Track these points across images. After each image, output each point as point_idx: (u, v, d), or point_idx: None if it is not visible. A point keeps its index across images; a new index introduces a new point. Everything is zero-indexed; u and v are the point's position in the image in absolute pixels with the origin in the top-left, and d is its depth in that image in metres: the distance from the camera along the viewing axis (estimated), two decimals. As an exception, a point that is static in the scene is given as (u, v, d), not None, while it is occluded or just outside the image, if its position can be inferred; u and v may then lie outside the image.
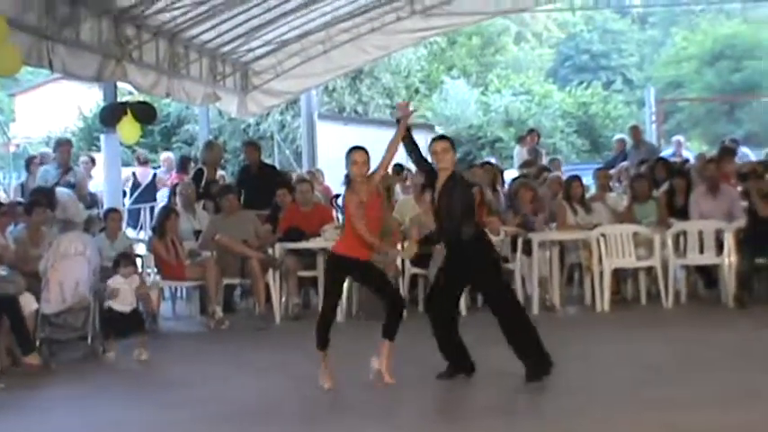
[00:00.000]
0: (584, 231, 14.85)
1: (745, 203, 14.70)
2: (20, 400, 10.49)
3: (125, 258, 12.90)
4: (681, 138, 27.90)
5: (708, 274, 15.13)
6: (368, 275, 10.41)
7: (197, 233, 15.45)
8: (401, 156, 11.23)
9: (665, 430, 8.13)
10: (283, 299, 14.55)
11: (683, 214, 15.15)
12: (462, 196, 10.29)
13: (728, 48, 52.60)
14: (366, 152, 10.03)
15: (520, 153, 22.74)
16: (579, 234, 14.89)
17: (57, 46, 14.17)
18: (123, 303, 12.30)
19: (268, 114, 32.40)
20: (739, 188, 15.61)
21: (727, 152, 18.39)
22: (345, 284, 11.19)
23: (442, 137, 11.16)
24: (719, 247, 14.40)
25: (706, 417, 8.41)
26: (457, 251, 10.40)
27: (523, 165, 20.86)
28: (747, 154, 22.24)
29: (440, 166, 10.29)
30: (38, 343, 11.76)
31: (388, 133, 10.70)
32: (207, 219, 15.63)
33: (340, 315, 13.68)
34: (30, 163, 17.07)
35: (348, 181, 10.09)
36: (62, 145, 17.74)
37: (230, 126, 33.36)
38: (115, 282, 12.32)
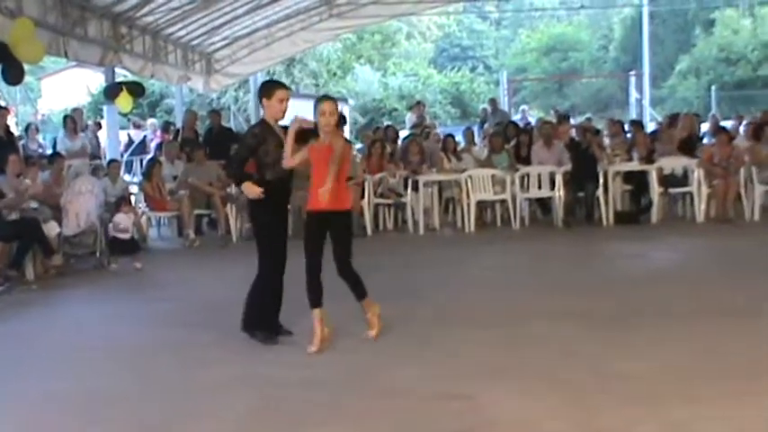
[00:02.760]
0: (456, 174, 14.90)
1: (568, 154, 14.83)
2: (47, 297, 10.43)
3: (125, 200, 13.01)
4: (525, 107, 28.07)
5: (544, 205, 15.27)
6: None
7: (175, 177, 15.35)
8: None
9: (518, 303, 8.28)
10: (238, 225, 14.47)
11: (526, 161, 15.24)
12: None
13: (558, 43, 52.92)
14: (335, 102, 7.25)
15: (410, 119, 22.66)
16: (453, 176, 14.93)
17: (70, 40, 14.44)
18: (124, 233, 12.29)
19: (226, 91, 32.55)
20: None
21: (564, 118, 18.53)
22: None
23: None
24: (552, 184, 14.55)
25: (545, 296, 8.57)
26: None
27: (413, 127, 20.90)
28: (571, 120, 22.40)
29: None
30: (61, 254, 11.70)
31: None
32: (182, 167, 15.50)
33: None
34: (66, 120, 16.96)
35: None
36: (76, 110, 18.33)
37: (198, 99, 33.09)
38: (118, 218, 12.31)
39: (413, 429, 5.23)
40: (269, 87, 7.47)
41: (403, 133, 20.31)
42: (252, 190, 7.23)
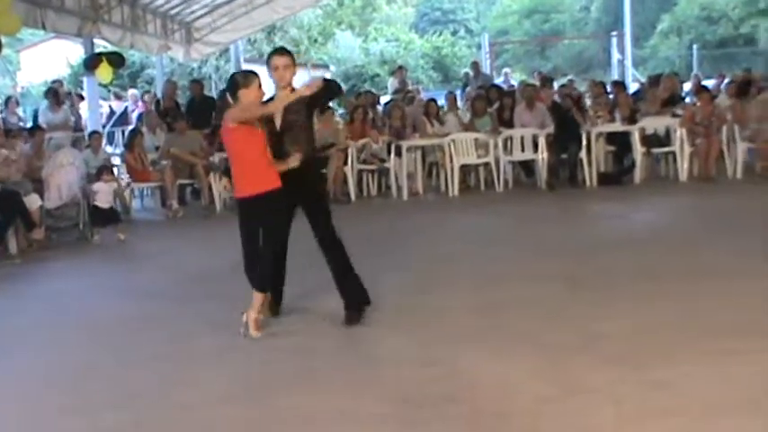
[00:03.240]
0: (439, 138, 14.88)
1: (550, 116, 14.82)
2: (31, 270, 10.42)
3: (105, 169, 12.87)
4: (508, 70, 28.04)
5: (527, 167, 15.27)
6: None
7: (157, 148, 15.28)
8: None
9: (501, 266, 8.31)
10: (221, 195, 14.44)
11: (509, 124, 15.22)
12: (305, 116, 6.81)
13: (540, 4, 52.82)
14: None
15: (392, 84, 22.63)
16: (436, 140, 14.91)
17: (47, 11, 14.45)
18: (104, 202, 12.23)
19: (207, 60, 32.34)
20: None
21: (548, 81, 18.51)
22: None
23: (282, 49, 7.09)
24: (535, 147, 14.55)
25: (529, 259, 8.61)
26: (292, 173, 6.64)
27: (395, 92, 20.87)
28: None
29: (280, 85, 6.75)
30: (43, 228, 11.66)
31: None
32: (164, 137, 15.43)
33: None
34: (47, 93, 16.82)
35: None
36: (56, 82, 18.01)
37: (179, 69, 32.87)
38: (98, 186, 12.24)
39: (395, 395, 5.25)
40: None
41: (384, 98, 20.28)
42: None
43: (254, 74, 6.69)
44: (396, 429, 4.81)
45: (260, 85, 6.54)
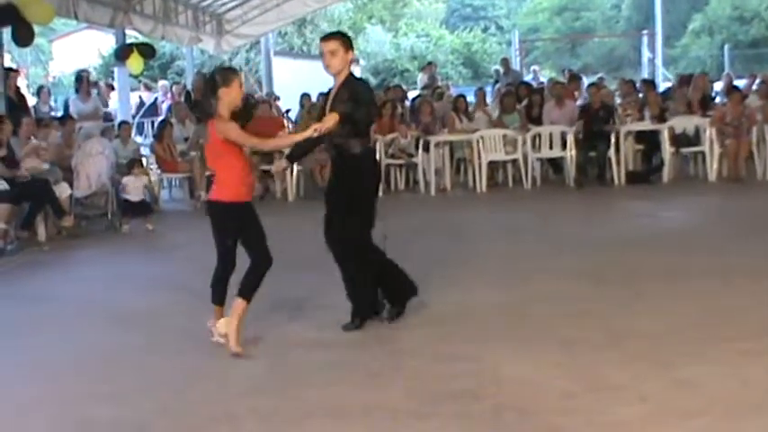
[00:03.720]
0: (467, 134, 14.86)
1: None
2: (60, 258, 10.51)
3: (136, 162, 12.97)
4: (536, 67, 27.95)
5: (556, 164, 15.22)
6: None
7: (186, 139, 15.35)
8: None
9: (528, 262, 8.29)
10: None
11: (538, 121, 15.18)
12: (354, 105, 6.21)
13: (571, 2, 52.48)
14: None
15: (422, 79, 22.64)
16: (464, 136, 14.88)
17: (80, 1, 14.62)
18: (134, 195, 12.29)
19: (237, 52, 32.46)
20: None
21: (575, 78, 18.43)
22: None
23: (330, 34, 6.67)
24: (564, 144, 14.50)
25: (556, 256, 8.59)
26: (340, 166, 6.55)
27: (424, 87, 20.87)
28: (583, 81, 22.26)
29: (330, 72, 6.43)
30: (72, 216, 11.70)
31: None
32: (193, 128, 15.50)
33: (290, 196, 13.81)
34: (76, 81, 16.85)
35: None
36: (83, 71, 17.81)
37: (210, 61, 32.96)
38: (128, 180, 12.30)
39: (419, 389, 5.26)
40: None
41: (412, 94, 20.27)
42: None
43: (234, 72, 6.37)
44: (417, 424, 4.82)
45: (240, 84, 6.16)
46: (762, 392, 4.96)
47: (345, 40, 6.46)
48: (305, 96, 16.98)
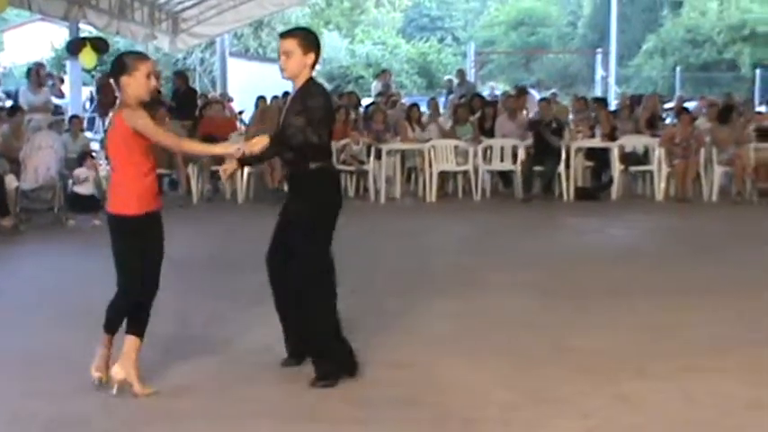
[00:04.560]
0: (419, 143, 14.89)
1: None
2: (1, 252, 10.31)
3: (88, 155, 12.82)
4: (494, 83, 28.15)
5: (506, 177, 15.28)
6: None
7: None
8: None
9: (475, 274, 8.32)
10: (199, 185, 14.39)
11: (490, 134, 15.26)
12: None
13: (527, 17, 52.92)
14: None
15: (376, 86, 22.66)
16: (416, 145, 14.90)
17: None
18: (85, 188, 12.17)
19: (192, 52, 32.25)
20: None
21: (523, 92, 18.55)
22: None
23: (289, 31, 5.62)
24: (515, 157, 14.58)
25: (502, 269, 8.62)
26: (294, 185, 5.86)
27: (378, 95, 20.87)
28: (535, 95, 22.42)
29: (284, 76, 5.53)
30: (17, 210, 11.52)
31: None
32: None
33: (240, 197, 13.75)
34: (28, 74, 16.61)
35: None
36: (36, 64, 17.51)
37: (164, 59, 32.77)
38: (79, 172, 12.18)
39: (356, 396, 5.24)
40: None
41: (365, 101, 20.28)
42: None
43: (144, 59, 5.44)
44: (358, 428, 4.82)
45: (148, 75, 5.32)
46: (704, 409, 5.02)
47: (305, 41, 5.45)
48: (261, 99, 16.92)
